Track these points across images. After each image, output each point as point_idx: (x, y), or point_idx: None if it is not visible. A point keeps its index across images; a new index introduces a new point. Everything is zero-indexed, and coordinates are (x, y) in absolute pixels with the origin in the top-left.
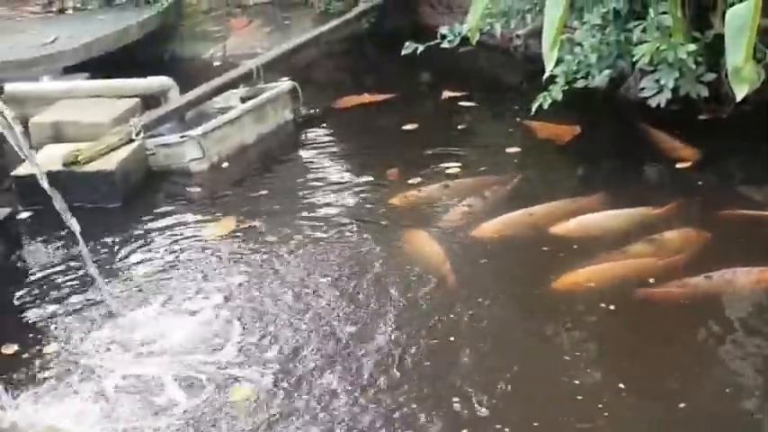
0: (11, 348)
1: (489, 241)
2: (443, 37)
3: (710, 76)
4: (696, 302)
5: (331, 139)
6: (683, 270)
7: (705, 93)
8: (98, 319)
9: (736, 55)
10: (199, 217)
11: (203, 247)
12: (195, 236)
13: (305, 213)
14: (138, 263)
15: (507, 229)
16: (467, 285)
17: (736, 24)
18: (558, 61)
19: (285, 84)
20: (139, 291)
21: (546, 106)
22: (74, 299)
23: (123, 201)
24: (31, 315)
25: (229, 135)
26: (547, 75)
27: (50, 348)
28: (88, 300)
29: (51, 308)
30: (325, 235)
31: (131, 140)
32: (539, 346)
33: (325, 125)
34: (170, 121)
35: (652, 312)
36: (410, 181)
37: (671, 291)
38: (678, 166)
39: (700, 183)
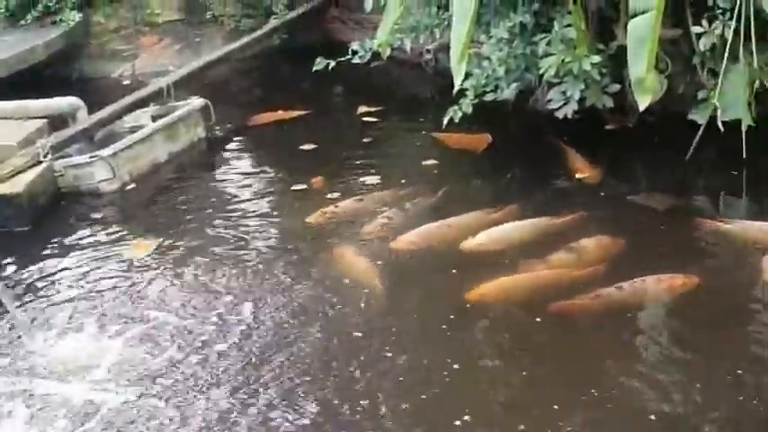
0: None
1: (407, 253)
2: (354, 52)
3: (615, 87)
4: (610, 313)
5: (245, 155)
6: (599, 280)
7: (610, 103)
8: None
9: (639, 65)
10: (109, 238)
11: (115, 268)
12: (105, 257)
13: (221, 232)
14: (51, 287)
15: (424, 241)
16: (385, 298)
17: (638, 35)
18: (467, 75)
19: (197, 101)
20: (45, 314)
21: (457, 119)
22: None
23: (31, 223)
24: None
25: (140, 154)
26: (456, 89)
27: None
28: None
29: None
30: (242, 253)
31: (39, 162)
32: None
33: (238, 142)
34: (79, 141)
35: (565, 324)
36: (327, 195)
37: (583, 302)
38: (581, 176)
39: (602, 193)
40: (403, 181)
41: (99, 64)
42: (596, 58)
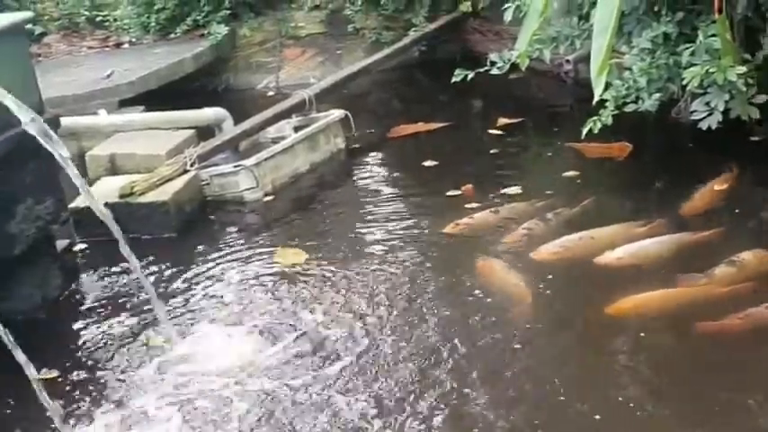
0: (65, 376)
1: (548, 264)
2: (493, 63)
3: (762, 98)
4: (760, 335)
5: (384, 166)
6: (747, 298)
7: (756, 114)
8: (155, 348)
9: None
10: (254, 245)
11: (261, 275)
12: (250, 263)
13: (361, 241)
14: (193, 291)
15: (565, 253)
16: (529, 310)
17: None
18: (608, 86)
19: (337, 112)
20: (196, 318)
21: (596, 130)
22: (131, 327)
23: (178, 231)
24: (88, 343)
25: (283, 164)
26: (596, 99)
27: (107, 376)
28: (144, 326)
29: (107, 335)
30: (382, 262)
31: (186, 171)
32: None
33: (378, 153)
34: (224, 151)
35: (709, 344)
36: (465, 206)
37: (733, 322)
38: (722, 188)
39: (745, 208)
40: (543, 192)
41: (244, 76)
42: (742, 69)
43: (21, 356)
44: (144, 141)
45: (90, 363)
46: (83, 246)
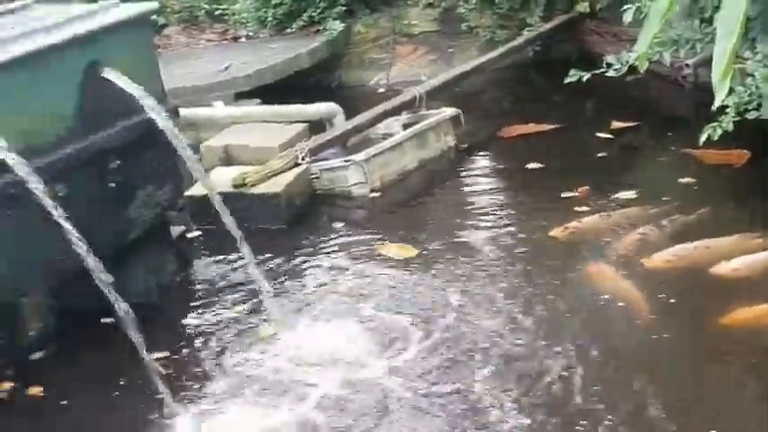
0: (177, 359)
1: (661, 272)
2: (609, 65)
3: None
4: None
5: (493, 166)
6: None
7: None
8: (265, 332)
9: None
10: (361, 238)
11: (367, 268)
12: (358, 256)
13: (467, 241)
14: (303, 281)
15: (680, 261)
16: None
17: None
18: (730, 91)
19: (448, 111)
20: (306, 308)
21: (716, 137)
22: (240, 315)
23: (288, 223)
24: (200, 329)
25: (391, 160)
26: (717, 105)
27: (218, 361)
28: (255, 314)
29: (219, 322)
30: (488, 262)
31: (297, 164)
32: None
33: (487, 152)
34: (335, 146)
35: None
36: (575, 209)
37: None
38: None
39: None
40: (657, 198)
41: (357, 72)
42: None
43: (135, 337)
44: (258, 134)
45: (198, 348)
46: (197, 233)
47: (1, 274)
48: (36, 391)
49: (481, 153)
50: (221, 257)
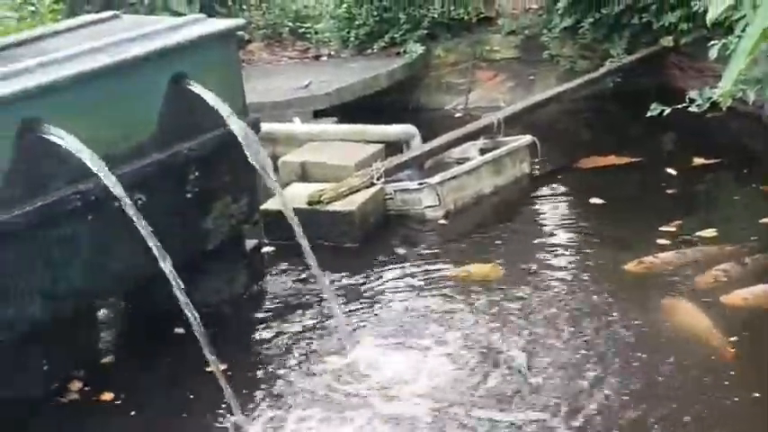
0: (245, 371)
1: (739, 309)
2: (692, 101)
3: None
4: None
5: (568, 196)
6: None
7: None
8: (333, 350)
9: None
10: (430, 261)
11: (435, 290)
12: (428, 278)
13: (540, 269)
14: (374, 300)
15: (759, 299)
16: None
17: None
18: None
19: (524, 138)
20: (376, 328)
21: None
22: (307, 330)
23: (360, 241)
24: (269, 343)
25: (466, 185)
26: None
27: (286, 376)
28: (324, 331)
29: (287, 336)
30: (561, 293)
31: (372, 184)
32: None
33: (563, 182)
34: (409, 168)
35: None
36: (653, 242)
37: None
38: None
39: None
40: (737, 236)
41: (435, 95)
42: None
43: (206, 346)
44: (334, 152)
45: (264, 360)
46: (270, 248)
47: (79, 278)
48: (107, 394)
49: (556, 182)
50: (293, 273)
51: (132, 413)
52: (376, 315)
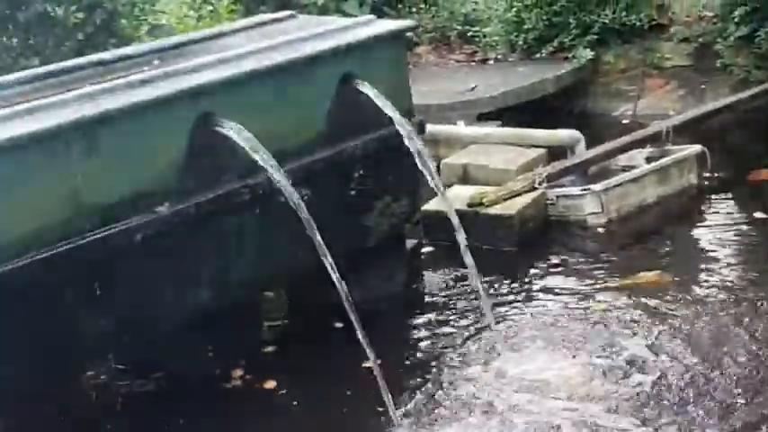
0: (399, 369)
1: None
2: None
3: None
4: None
5: (737, 210)
6: None
7: None
8: (487, 353)
9: None
10: (590, 269)
11: (600, 296)
12: (587, 286)
13: (704, 283)
14: (530, 306)
15: None
16: None
17: None
18: None
19: (693, 147)
20: (533, 334)
21: None
22: (466, 333)
23: (519, 245)
24: (424, 343)
25: (630, 193)
26: None
27: (440, 378)
28: (479, 335)
29: (442, 338)
30: (724, 313)
31: (534, 189)
32: None
33: (732, 195)
34: (573, 173)
35: None
36: None
37: None
38: None
39: None
40: None
41: (601, 101)
42: None
43: (365, 342)
44: (497, 155)
45: (418, 359)
46: (429, 248)
47: (245, 268)
48: (270, 382)
49: (725, 195)
50: (451, 274)
51: (294, 403)
52: (529, 321)
